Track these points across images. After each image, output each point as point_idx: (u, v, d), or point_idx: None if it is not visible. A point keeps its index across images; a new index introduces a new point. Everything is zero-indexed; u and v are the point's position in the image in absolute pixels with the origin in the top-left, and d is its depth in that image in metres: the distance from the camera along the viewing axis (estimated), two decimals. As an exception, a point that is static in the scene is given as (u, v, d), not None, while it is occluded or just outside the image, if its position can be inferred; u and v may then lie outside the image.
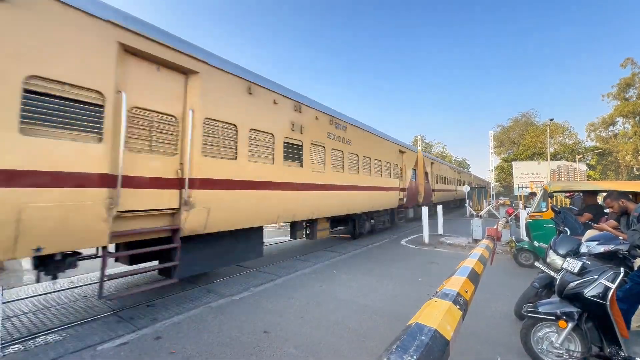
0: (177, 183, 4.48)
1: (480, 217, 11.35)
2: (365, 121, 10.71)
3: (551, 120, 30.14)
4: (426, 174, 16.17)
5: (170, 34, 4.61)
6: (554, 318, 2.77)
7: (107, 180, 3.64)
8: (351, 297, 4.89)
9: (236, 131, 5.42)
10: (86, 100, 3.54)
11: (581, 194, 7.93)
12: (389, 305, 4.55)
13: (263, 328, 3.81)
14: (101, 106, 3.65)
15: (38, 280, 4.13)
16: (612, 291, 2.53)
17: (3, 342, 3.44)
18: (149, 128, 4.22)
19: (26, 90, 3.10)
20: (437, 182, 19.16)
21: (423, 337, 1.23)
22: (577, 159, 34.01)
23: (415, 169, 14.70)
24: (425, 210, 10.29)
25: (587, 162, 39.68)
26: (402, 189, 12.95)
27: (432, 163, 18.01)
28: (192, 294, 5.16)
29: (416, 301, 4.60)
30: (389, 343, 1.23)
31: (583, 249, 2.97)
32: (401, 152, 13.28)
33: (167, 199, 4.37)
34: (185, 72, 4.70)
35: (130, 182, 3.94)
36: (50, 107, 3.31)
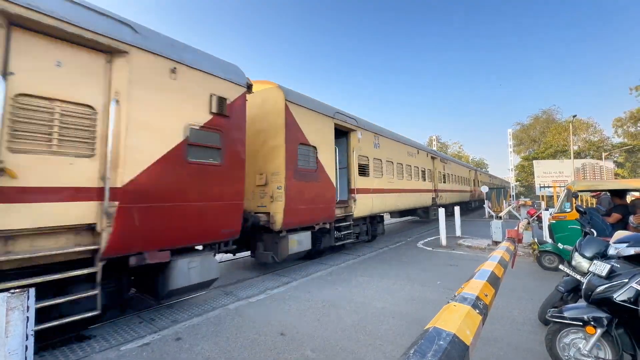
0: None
1: (500, 218, 11.01)
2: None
3: (574, 116, 28.71)
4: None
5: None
6: (581, 324, 2.65)
7: None
8: (367, 300, 4.85)
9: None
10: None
11: (608, 194, 7.57)
12: (406, 309, 4.48)
13: (280, 330, 3.83)
14: None
15: None
16: (644, 296, 2.39)
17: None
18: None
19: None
20: (443, 182, 17.82)
21: (441, 342, 1.20)
22: (603, 157, 32.38)
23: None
24: (442, 211, 10.10)
25: (615, 159, 37.71)
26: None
27: (433, 158, 16.13)
28: (210, 296, 5.26)
29: (434, 305, 4.51)
30: (406, 347, 1.21)
31: (611, 251, 2.83)
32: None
33: None
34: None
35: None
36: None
